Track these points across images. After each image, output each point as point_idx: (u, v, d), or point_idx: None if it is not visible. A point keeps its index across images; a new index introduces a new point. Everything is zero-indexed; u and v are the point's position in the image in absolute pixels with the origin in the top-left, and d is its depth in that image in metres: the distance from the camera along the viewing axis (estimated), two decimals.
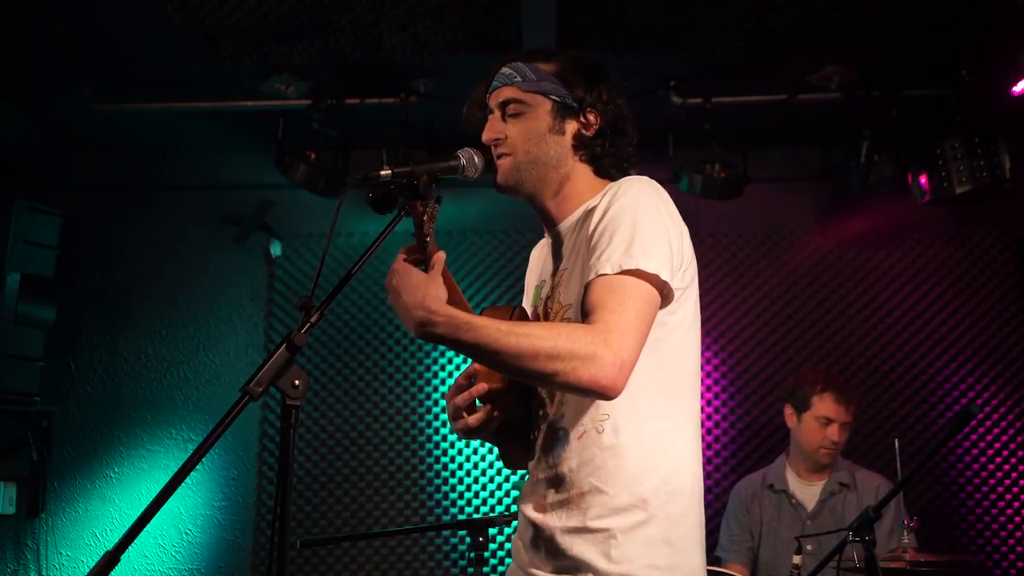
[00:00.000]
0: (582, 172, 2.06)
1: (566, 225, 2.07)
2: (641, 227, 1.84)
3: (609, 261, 1.81)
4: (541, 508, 1.95)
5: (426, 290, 1.76)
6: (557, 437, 1.94)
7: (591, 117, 2.04)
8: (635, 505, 1.85)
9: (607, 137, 2.05)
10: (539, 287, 2.15)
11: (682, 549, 1.86)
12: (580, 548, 1.87)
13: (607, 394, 1.77)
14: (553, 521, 1.91)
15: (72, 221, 4.69)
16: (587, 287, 1.83)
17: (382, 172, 1.82)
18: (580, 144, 2.05)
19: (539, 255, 2.26)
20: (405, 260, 1.85)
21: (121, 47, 3.97)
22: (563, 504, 1.91)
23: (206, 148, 4.99)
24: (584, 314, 1.82)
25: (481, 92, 2.11)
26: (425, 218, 1.85)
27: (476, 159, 2.00)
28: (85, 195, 5.00)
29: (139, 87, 4.31)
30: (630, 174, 2.06)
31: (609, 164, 2.07)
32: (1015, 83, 3.77)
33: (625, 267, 1.79)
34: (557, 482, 1.93)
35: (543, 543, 1.93)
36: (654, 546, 1.84)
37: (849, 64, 4.04)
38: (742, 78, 4.21)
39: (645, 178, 1.98)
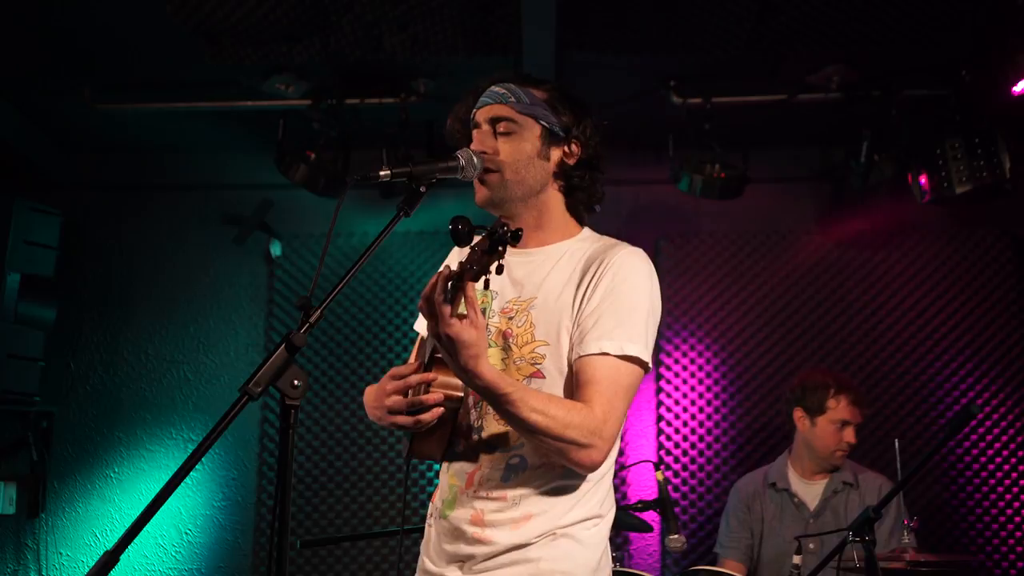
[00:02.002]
0: (557, 202, 2.15)
1: (539, 254, 2.13)
2: (641, 312, 2.02)
3: (613, 340, 1.97)
4: (479, 523, 2.00)
5: (478, 352, 1.81)
6: (512, 463, 2.00)
7: (574, 148, 2.12)
8: (577, 522, 2.00)
9: (586, 170, 2.14)
10: (487, 294, 2.11)
11: (607, 551, 2.06)
12: (522, 552, 1.96)
13: (589, 471, 1.98)
14: (497, 536, 1.97)
15: (72, 221, 4.69)
16: (589, 358, 1.97)
17: (381, 172, 1.84)
18: (561, 172, 2.13)
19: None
20: (447, 297, 1.77)
21: (121, 47, 3.97)
22: (507, 523, 1.98)
23: (206, 148, 4.99)
24: (582, 381, 1.96)
25: (464, 109, 2.16)
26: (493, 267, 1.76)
27: (475, 160, 2.03)
28: (85, 195, 5.01)
29: (139, 87, 4.31)
30: (595, 211, 2.21)
31: (581, 199, 2.17)
32: (1015, 83, 3.78)
33: (626, 352, 1.97)
34: (504, 503, 1.99)
35: (478, 554, 1.98)
36: (589, 548, 2.00)
37: (849, 64, 4.04)
38: (742, 78, 4.21)
39: (640, 251, 2.11)
